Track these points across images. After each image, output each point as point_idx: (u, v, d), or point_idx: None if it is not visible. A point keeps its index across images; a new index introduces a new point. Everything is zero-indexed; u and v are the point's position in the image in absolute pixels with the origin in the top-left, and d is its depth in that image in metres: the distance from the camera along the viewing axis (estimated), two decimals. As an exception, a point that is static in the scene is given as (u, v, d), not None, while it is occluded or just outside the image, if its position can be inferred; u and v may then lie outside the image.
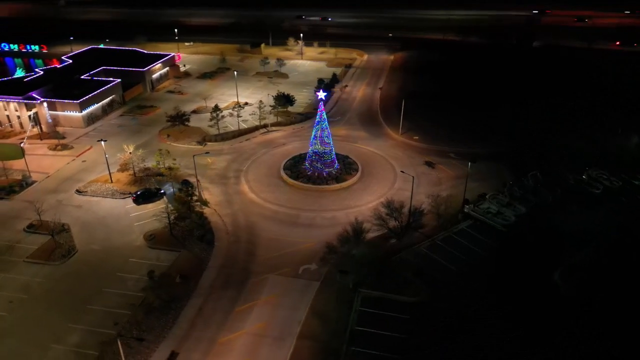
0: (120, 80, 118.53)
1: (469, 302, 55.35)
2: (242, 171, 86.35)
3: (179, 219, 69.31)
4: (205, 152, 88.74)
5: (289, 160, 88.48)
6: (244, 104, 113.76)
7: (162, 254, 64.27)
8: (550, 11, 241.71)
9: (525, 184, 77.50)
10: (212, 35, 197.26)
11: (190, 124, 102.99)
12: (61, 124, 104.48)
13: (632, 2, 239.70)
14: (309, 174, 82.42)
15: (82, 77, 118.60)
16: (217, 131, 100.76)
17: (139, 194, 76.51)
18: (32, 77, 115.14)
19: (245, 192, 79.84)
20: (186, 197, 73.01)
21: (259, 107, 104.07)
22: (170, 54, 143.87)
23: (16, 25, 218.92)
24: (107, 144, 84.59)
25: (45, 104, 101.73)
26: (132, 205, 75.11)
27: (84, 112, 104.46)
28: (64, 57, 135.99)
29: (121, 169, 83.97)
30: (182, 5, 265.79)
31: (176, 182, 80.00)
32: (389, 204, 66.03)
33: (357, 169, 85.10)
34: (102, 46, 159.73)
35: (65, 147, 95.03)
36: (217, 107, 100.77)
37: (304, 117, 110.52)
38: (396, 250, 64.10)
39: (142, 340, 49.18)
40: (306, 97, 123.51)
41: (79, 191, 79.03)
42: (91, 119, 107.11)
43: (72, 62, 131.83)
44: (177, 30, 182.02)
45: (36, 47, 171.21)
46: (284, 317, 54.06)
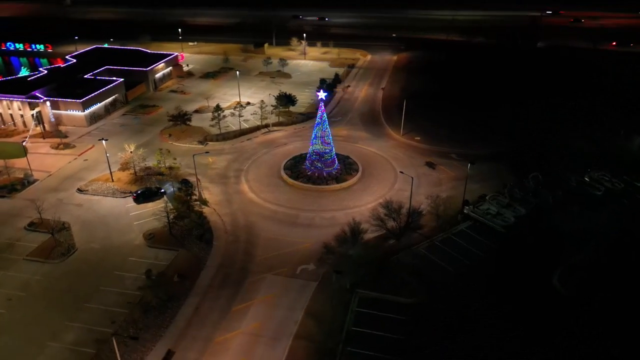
0: (123, 79, 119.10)
1: (468, 302, 55.13)
2: (243, 171, 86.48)
3: (178, 218, 69.57)
4: (205, 151, 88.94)
5: (289, 160, 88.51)
6: (246, 103, 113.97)
7: (161, 253, 64.53)
8: (563, 12, 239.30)
9: (526, 186, 77.10)
10: (216, 35, 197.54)
11: (192, 124, 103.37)
12: (64, 122, 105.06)
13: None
14: (309, 173, 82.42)
15: (85, 76, 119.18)
16: (218, 131, 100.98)
17: (139, 193, 76.86)
18: (35, 76, 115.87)
19: (245, 191, 79.95)
20: (185, 197, 73.27)
21: (261, 107, 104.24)
22: (173, 54, 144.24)
23: (22, 24, 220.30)
24: (108, 143, 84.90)
25: (48, 103, 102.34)
26: (133, 204, 75.47)
27: (87, 111, 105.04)
28: (68, 57, 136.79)
29: (122, 168, 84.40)
30: (187, 5, 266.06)
31: (176, 182, 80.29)
32: (388, 204, 65.86)
33: (358, 170, 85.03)
34: (106, 46, 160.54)
35: (67, 146, 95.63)
36: (218, 107, 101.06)
37: (306, 117, 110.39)
38: (394, 251, 63.91)
39: (136, 338, 49.30)
40: (308, 97, 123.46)
41: (80, 190, 79.48)
42: (94, 118, 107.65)
43: (75, 61, 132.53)
44: (181, 30, 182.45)
45: (41, 47, 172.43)
46: (281, 317, 54.10)
